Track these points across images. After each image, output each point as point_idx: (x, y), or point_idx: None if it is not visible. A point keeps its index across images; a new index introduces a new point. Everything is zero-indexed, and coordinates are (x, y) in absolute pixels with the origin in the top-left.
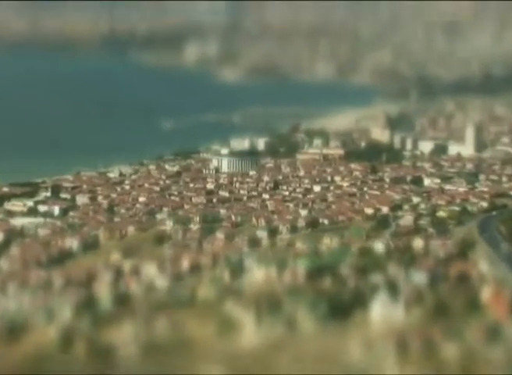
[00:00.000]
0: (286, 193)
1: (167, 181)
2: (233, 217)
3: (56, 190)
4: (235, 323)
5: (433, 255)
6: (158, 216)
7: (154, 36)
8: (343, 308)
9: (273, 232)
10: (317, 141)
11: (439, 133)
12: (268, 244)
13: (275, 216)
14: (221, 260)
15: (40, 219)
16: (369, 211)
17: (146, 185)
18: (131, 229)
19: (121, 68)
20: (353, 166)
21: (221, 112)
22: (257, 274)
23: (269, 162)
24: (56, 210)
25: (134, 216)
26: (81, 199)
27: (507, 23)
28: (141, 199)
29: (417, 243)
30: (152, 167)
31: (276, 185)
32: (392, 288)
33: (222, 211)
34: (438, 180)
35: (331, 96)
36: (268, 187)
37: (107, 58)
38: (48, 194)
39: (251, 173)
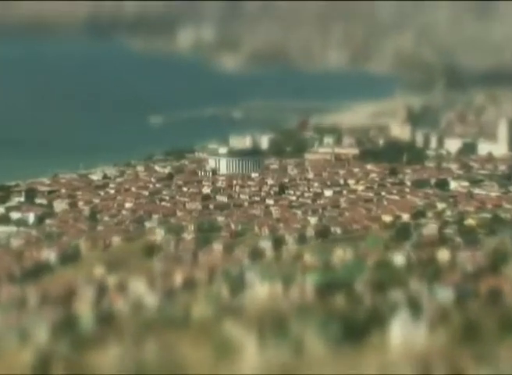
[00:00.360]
0: (293, 198)
1: (157, 184)
2: (233, 225)
3: (31, 194)
4: (234, 347)
5: (461, 268)
6: (147, 225)
7: (143, 19)
8: (358, 329)
9: (278, 242)
10: (328, 139)
11: (468, 130)
12: (273, 257)
13: (281, 225)
14: (219, 274)
15: (12, 228)
16: (387, 218)
17: (133, 189)
18: (116, 239)
19: (105, 55)
20: (369, 167)
21: (219, 106)
22: (260, 290)
23: (274, 163)
24: (31, 217)
25: (120, 224)
26: (59, 205)
27: None
28: (128, 205)
29: (443, 255)
30: (140, 168)
31: (282, 189)
32: (414, 306)
33: (220, 218)
34: (466, 184)
35: (344, 87)
36: (272, 192)
37: (89, 43)
38: (22, 199)
39: (253, 175)
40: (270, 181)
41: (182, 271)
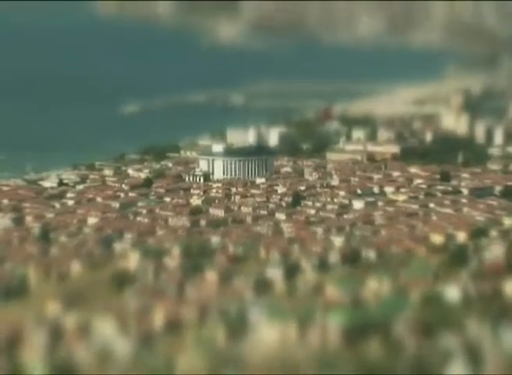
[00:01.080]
0: (312, 211)
1: (131, 193)
2: (231, 248)
3: None
4: None
5: None
6: (118, 247)
7: None
8: None
9: (292, 270)
10: (358, 133)
11: None
12: (285, 289)
13: (295, 247)
14: (212, 313)
15: None
16: (437, 239)
17: (99, 199)
18: (76, 266)
19: (67, 21)
20: (413, 170)
21: (213, 90)
22: (268, 334)
23: (286, 165)
24: None
25: (81, 247)
26: (0, 221)
27: None
28: (92, 221)
29: (511, 287)
30: (108, 172)
31: (297, 199)
32: (473, 355)
33: (215, 239)
34: None
35: (380, 65)
36: (284, 203)
37: (46, 6)
38: None
39: (259, 180)
40: (281, 189)
41: (163, 308)
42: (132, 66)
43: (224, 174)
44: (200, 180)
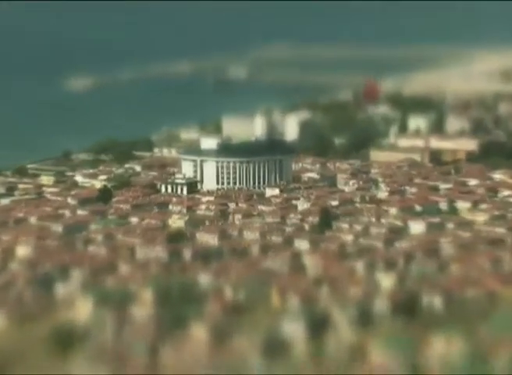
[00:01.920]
0: (348, 237)
1: (80, 211)
2: (229, 291)
3: None
4: None
5: None
6: (61, 290)
7: None
8: None
9: (319, 325)
10: (417, 122)
11: None
12: (308, 353)
13: (324, 290)
14: None
15: None
16: None
17: (33, 220)
18: (0, 319)
19: None
20: (497, 175)
21: (203, 56)
22: None
23: (311, 169)
24: None
25: (6, 290)
26: None
27: None
28: (22, 252)
29: None
30: (47, 179)
31: (326, 220)
32: None
33: (205, 278)
34: None
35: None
36: (307, 226)
37: None
38: None
39: (270, 192)
40: (303, 205)
41: None
42: (82, 22)
43: (218, 183)
44: (182, 191)
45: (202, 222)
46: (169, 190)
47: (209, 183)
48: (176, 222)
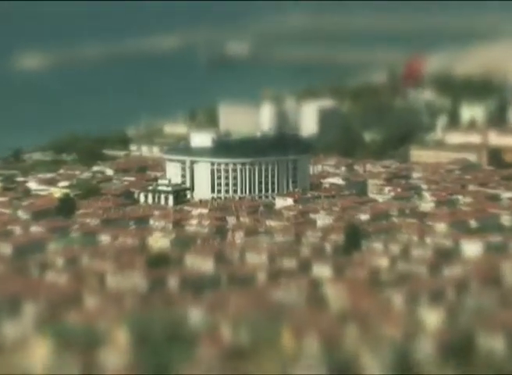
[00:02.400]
0: (383, 262)
1: (34, 227)
2: (226, 331)
3: None
4: None
5: None
6: (11, 329)
7: None
8: None
9: (345, 373)
10: (472, 111)
11: None
12: None
13: (351, 329)
14: None
15: None
16: None
17: None
18: None
19: None
20: None
21: (194, 29)
22: None
23: (334, 173)
24: None
25: None
26: None
27: None
28: None
29: None
30: None
31: (354, 239)
32: None
33: (196, 314)
34: None
35: None
36: (330, 246)
37: None
38: None
39: (281, 202)
40: (324, 219)
41: None
42: None
43: (213, 190)
44: (167, 201)
45: (193, 241)
46: (150, 200)
47: (202, 190)
48: (159, 241)
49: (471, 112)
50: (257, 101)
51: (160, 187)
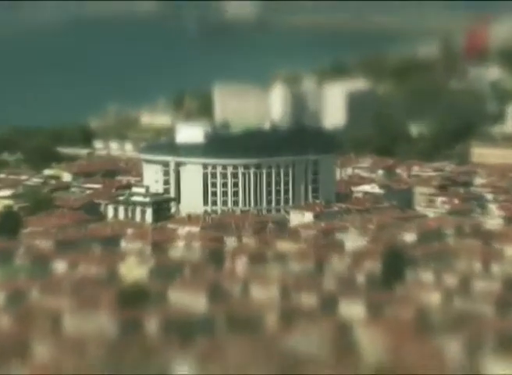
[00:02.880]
0: (433, 297)
1: None
2: None
3: None
4: None
5: None
6: None
7: None
8: None
9: None
10: None
11: None
12: None
13: None
14: None
15: None
16: None
17: None
18: None
19: None
20: None
21: None
22: None
23: (369, 178)
24: None
25: None
26: None
27: None
28: None
29: None
30: None
31: (395, 267)
32: None
33: (182, 367)
34: None
35: None
36: (362, 276)
37: None
38: None
39: (297, 217)
40: (354, 241)
41: None
42: None
43: (206, 201)
44: (144, 215)
45: (179, 270)
46: (121, 214)
47: (191, 202)
48: (134, 270)
49: None
50: (265, 82)
51: (135, 198)
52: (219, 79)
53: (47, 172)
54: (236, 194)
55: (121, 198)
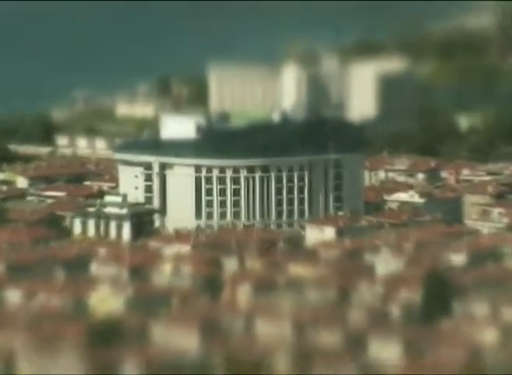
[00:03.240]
0: (489, 335)
1: None
2: None
3: None
4: None
5: None
6: None
7: None
8: None
9: None
10: None
11: None
12: None
13: None
14: None
15: None
16: None
17: None
18: None
19: None
20: None
21: None
22: None
23: (406, 183)
24: None
25: None
26: None
27: None
28: None
29: None
30: None
31: (439, 297)
32: None
33: None
34: None
35: None
36: (398, 308)
37: None
38: None
39: (314, 233)
40: (387, 263)
41: None
42: None
43: (199, 214)
44: (120, 231)
45: (164, 301)
46: (91, 229)
47: (180, 214)
48: (107, 301)
49: None
50: (274, 62)
51: (109, 209)
52: (216, 58)
53: None
54: (237, 204)
55: (91, 209)
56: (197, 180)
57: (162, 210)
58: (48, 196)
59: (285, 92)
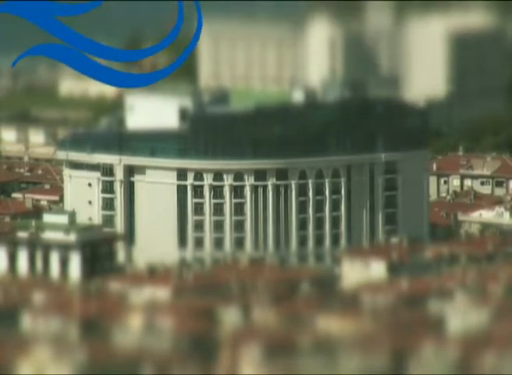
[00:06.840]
0: None
1: None
2: None
3: None
4: None
5: None
6: None
7: None
8: None
9: None
10: None
11: None
12: None
13: None
14: None
15: None
16: None
17: None
18: None
19: None
20: None
21: None
22: None
23: (492, 199)
24: None
25: None
26: None
27: None
28: None
29: None
30: None
31: None
32: None
33: None
34: None
35: None
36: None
37: None
38: None
39: (355, 271)
40: (463, 312)
41: None
42: None
43: (183, 242)
44: (66, 266)
45: (131, 371)
46: (23, 263)
47: (156, 241)
48: (46, 371)
49: None
50: (296, 16)
51: (49, 235)
52: (208, 9)
53: None
54: (239, 226)
55: (22, 234)
56: (181, 191)
57: (129, 236)
58: None
59: (311, 60)
